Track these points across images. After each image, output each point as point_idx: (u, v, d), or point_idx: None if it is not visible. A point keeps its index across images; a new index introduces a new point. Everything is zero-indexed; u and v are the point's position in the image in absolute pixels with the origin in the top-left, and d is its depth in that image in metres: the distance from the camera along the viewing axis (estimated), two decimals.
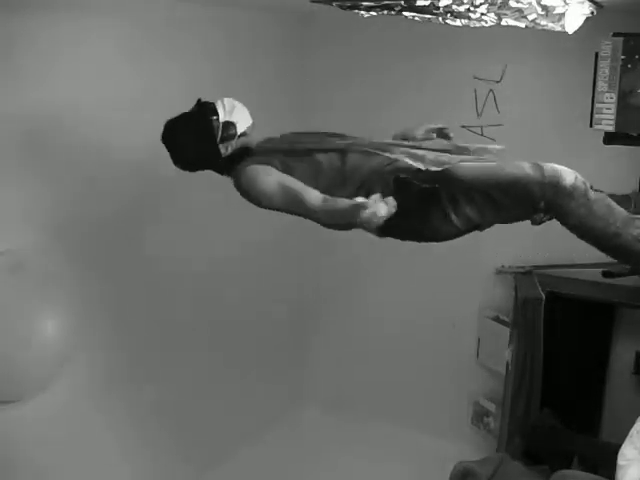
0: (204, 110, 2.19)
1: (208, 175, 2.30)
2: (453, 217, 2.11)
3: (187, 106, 2.98)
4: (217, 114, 2.18)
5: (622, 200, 2.25)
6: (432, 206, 2.10)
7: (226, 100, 2.22)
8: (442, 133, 2.42)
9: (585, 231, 2.07)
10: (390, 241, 3.56)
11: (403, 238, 2.25)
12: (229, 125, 2.18)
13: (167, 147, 2.18)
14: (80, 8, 2.50)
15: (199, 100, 2.23)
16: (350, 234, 3.16)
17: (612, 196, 2.13)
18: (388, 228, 2.02)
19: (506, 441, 3.09)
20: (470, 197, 2.09)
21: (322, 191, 2.05)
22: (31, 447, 2.47)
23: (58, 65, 2.47)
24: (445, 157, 2.10)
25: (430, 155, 2.10)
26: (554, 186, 2.02)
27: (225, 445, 3.49)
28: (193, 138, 2.17)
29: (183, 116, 2.19)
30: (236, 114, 2.20)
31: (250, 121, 2.26)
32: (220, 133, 2.16)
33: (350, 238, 3.54)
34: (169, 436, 3.17)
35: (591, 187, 2.08)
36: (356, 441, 3.74)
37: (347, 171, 2.14)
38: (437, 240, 2.21)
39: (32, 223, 2.42)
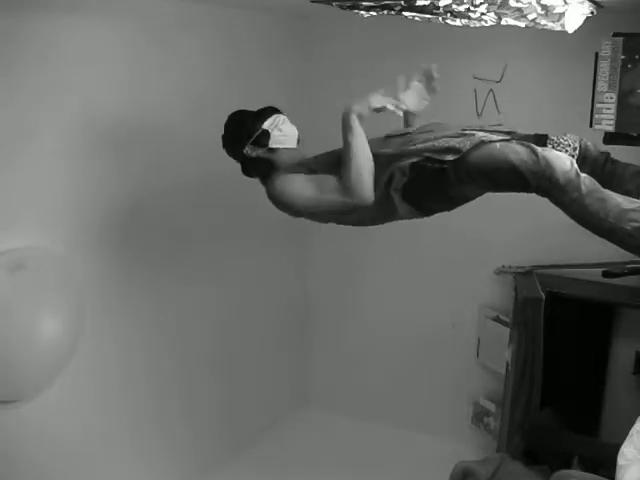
0: (259, 112, 2.35)
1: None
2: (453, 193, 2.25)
3: (186, 105, 3.01)
4: (264, 121, 2.32)
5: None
6: (441, 184, 2.21)
7: (282, 117, 2.36)
8: (428, 74, 2.47)
9: (579, 222, 2.12)
10: (389, 241, 3.60)
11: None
12: (265, 134, 2.31)
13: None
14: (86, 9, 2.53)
15: (272, 107, 2.38)
16: (350, 234, 3.16)
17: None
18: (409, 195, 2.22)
19: (506, 441, 3.09)
20: (472, 178, 2.17)
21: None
22: (31, 446, 2.47)
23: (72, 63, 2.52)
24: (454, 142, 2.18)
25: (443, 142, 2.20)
26: (547, 178, 2.05)
27: (227, 445, 3.50)
28: (235, 127, 2.35)
29: (247, 110, 2.38)
30: (279, 131, 2.33)
31: (290, 145, 2.36)
32: (254, 136, 2.31)
33: (350, 239, 3.56)
34: (170, 436, 3.18)
35: (607, 154, 2.21)
36: (356, 441, 3.74)
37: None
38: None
39: (32, 223, 2.43)
